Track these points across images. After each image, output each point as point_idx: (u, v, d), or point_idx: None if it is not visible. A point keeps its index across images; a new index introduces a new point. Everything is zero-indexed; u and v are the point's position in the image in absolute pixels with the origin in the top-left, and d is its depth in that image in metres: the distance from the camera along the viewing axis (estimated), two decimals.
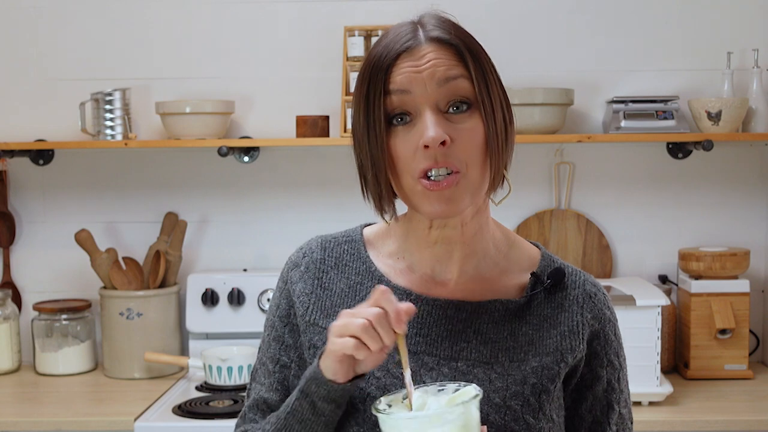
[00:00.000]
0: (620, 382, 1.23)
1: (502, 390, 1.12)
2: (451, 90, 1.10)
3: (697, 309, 2.62)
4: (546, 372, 1.14)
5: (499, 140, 1.12)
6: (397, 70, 1.10)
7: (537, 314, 1.18)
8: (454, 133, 1.09)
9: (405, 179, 1.12)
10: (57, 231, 2.89)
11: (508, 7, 2.79)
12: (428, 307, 1.17)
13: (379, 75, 1.11)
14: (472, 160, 1.10)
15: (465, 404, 0.99)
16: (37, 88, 2.87)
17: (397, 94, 1.10)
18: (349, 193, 2.85)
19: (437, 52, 1.11)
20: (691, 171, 2.83)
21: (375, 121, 1.11)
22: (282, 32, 2.84)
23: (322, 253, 1.25)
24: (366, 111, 1.12)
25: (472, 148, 1.10)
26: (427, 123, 1.09)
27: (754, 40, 2.75)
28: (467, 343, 1.15)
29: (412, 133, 1.10)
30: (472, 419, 1.00)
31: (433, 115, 1.09)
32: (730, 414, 2.32)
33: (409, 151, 1.10)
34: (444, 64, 1.10)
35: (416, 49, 1.11)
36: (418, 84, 1.09)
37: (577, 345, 1.17)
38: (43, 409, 2.44)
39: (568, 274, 1.21)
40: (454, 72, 1.10)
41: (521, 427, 1.11)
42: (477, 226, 1.18)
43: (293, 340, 1.23)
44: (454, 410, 0.98)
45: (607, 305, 1.23)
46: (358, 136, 1.15)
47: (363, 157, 1.15)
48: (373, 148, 1.12)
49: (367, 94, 1.12)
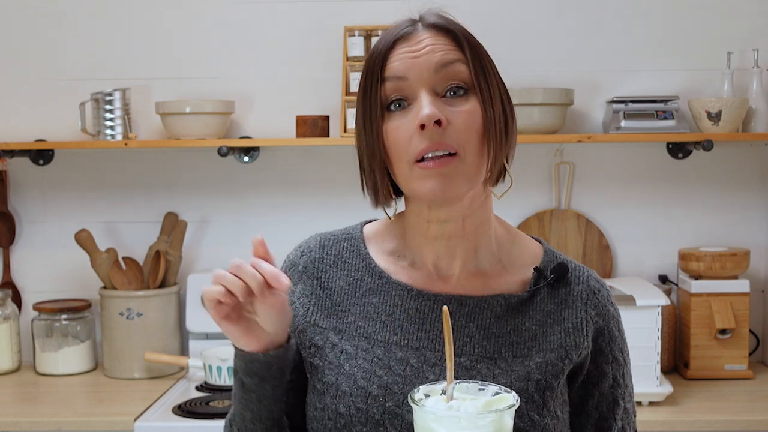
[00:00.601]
0: (625, 377, 1.23)
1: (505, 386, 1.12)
2: (449, 75, 1.10)
3: (697, 309, 2.62)
4: (550, 368, 1.14)
5: (497, 127, 1.12)
6: (395, 57, 1.11)
7: (540, 309, 1.18)
8: (451, 116, 1.09)
9: (401, 165, 1.11)
10: (57, 231, 2.89)
11: (508, 7, 2.79)
12: (430, 303, 1.17)
13: (376, 62, 1.12)
14: (468, 143, 1.10)
15: (499, 412, 0.98)
16: (37, 88, 2.87)
17: (393, 81, 1.11)
18: (349, 193, 2.85)
19: (434, 38, 1.12)
20: (691, 171, 2.83)
21: (371, 108, 1.12)
22: (282, 32, 2.84)
23: (320, 251, 1.25)
24: (363, 99, 1.13)
25: (469, 130, 1.10)
26: (423, 103, 1.09)
27: (754, 40, 2.75)
28: (470, 339, 1.15)
29: (408, 118, 1.10)
30: (504, 428, 0.98)
31: (429, 96, 1.09)
32: (730, 414, 2.32)
33: (405, 136, 1.10)
34: (441, 49, 1.11)
35: (413, 35, 1.12)
36: (415, 69, 1.10)
37: (582, 342, 1.17)
38: (43, 409, 2.44)
39: (571, 270, 1.21)
40: (451, 56, 1.11)
41: (525, 423, 1.11)
42: (479, 221, 1.18)
43: None
44: (487, 416, 0.97)
45: (611, 301, 1.23)
46: (358, 126, 1.15)
47: (361, 146, 1.15)
48: (369, 135, 1.12)
49: (365, 83, 1.13)
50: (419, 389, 1.02)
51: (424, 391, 1.02)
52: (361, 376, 1.13)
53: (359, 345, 1.16)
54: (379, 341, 1.16)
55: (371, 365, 1.14)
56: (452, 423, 0.97)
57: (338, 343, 1.17)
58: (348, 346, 1.16)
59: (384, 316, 1.17)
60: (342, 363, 1.15)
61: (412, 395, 1.01)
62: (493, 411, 0.98)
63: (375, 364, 1.14)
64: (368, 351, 1.15)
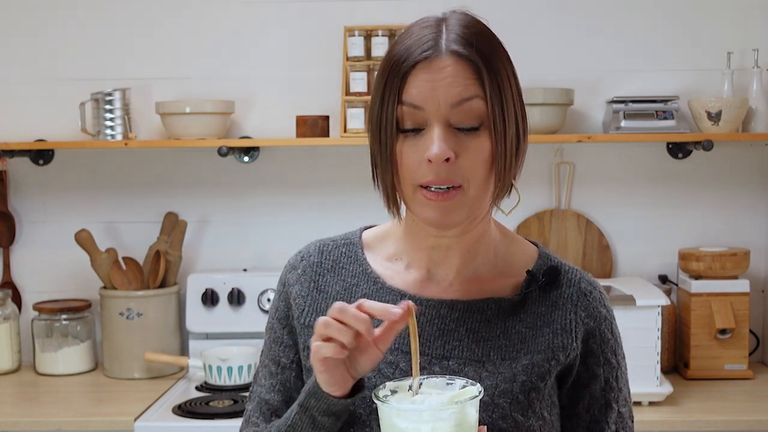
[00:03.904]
0: (618, 380, 1.22)
1: (491, 388, 1.12)
2: (464, 111, 1.09)
3: (697, 309, 2.62)
4: (536, 369, 1.14)
5: (507, 158, 1.12)
6: (414, 80, 1.10)
7: (531, 312, 1.18)
8: (460, 149, 1.09)
9: (406, 186, 1.12)
10: (57, 231, 2.89)
11: (508, 7, 2.79)
12: (421, 307, 1.17)
13: (395, 80, 1.10)
14: (474, 176, 1.10)
15: (460, 404, 0.98)
16: (37, 88, 2.87)
17: (410, 107, 1.10)
18: (349, 193, 2.86)
19: (455, 66, 1.09)
20: (691, 171, 2.83)
21: (387, 125, 1.11)
22: (282, 32, 2.84)
23: (319, 256, 1.26)
24: (380, 113, 1.12)
25: (476, 164, 1.10)
26: (434, 138, 1.08)
27: (754, 40, 2.75)
28: (459, 342, 1.16)
29: (419, 144, 1.10)
30: (467, 419, 0.99)
31: (442, 131, 1.09)
32: (730, 414, 2.32)
33: (414, 161, 1.10)
34: (460, 83, 1.09)
35: (435, 60, 1.09)
36: (432, 101, 1.09)
37: (570, 343, 1.17)
38: (43, 409, 2.44)
39: (563, 273, 1.21)
40: (470, 92, 1.09)
41: (509, 424, 1.11)
42: (479, 233, 1.19)
43: (293, 341, 1.23)
44: (448, 408, 0.98)
45: (603, 303, 1.22)
46: (372, 133, 1.15)
47: (374, 154, 1.16)
48: (382, 150, 1.12)
49: (382, 96, 1.12)
50: (385, 385, 1.03)
51: (390, 387, 1.03)
52: None
53: None
54: None
55: None
56: (414, 416, 0.98)
57: None
58: None
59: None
60: None
61: (377, 392, 1.02)
62: (454, 403, 0.98)
63: None
64: None
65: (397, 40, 1.14)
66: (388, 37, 2.69)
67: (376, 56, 2.69)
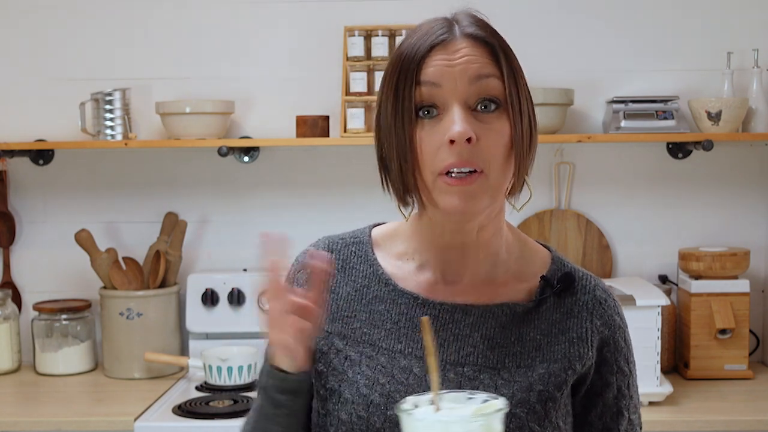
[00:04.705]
0: (630, 388, 1.21)
1: (507, 397, 1.09)
2: (482, 88, 1.09)
3: (697, 309, 2.62)
4: (553, 379, 1.13)
5: (524, 143, 1.11)
6: (430, 62, 1.09)
7: (546, 319, 1.16)
8: (481, 132, 1.08)
9: (426, 174, 1.10)
10: (57, 231, 2.89)
11: (508, 7, 2.79)
12: (435, 311, 1.16)
13: (411, 65, 1.09)
14: (495, 160, 1.09)
15: (487, 416, 0.97)
16: (37, 88, 2.87)
17: (428, 86, 1.09)
18: (350, 193, 2.86)
19: (472, 48, 1.10)
20: (691, 171, 2.83)
21: (404, 111, 1.09)
22: (282, 32, 2.84)
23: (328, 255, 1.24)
24: (395, 101, 1.10)
25: (497, 148, 1.09)
26: (455, 118, 1.07)
27: (754, 40, 2.75)
28: (474, 348, 1.14)
29: (437, 128, 1.08)
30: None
31: (461, 110, 1.08)
32: (730, 414, 2.32)
33: (433, 146, 1.08)
34: (477, 61, 1.09)
35: (451, 43, 1.10)
36: (450, 78, 1.08)
37: (586, 352, 1.15)
38: (43, 409, 2.44)
39: (578, 279, 1.20)
40: (487, 70, 1.09)
41: None
42: (493, 230, 1.17)
43: None
44: (475, 421, 0.96)
45: (618, 312, 1.21)
46: (385, 126, 1.12)
47: (388, 148, 1.12)
48: (401, 138, 1.10)
49: (396, 84, 1.10)
50: (407, 400, 1.02)
51: (412, 401, 1.02)
52: (363, 384, 1.13)
53: (363, 352, 1.15)
54: (383, 349, 1.15)
55: (374, 373, 1.13)
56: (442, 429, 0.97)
57: (343, 348, 1.16)
58: (352, 352, 1.16)
59: (390, 324, 1.16)
60: (345, 370, 1.15)
61: (400, 406, 1.00)
62: (481, 415, 0.97)
63: (378, 372, 1.13)
64: (372, 358, 1.15)
65: (405, 37, 1.14)
66: (388, 37, 2.69)
67: (376, 56, 2.69)
